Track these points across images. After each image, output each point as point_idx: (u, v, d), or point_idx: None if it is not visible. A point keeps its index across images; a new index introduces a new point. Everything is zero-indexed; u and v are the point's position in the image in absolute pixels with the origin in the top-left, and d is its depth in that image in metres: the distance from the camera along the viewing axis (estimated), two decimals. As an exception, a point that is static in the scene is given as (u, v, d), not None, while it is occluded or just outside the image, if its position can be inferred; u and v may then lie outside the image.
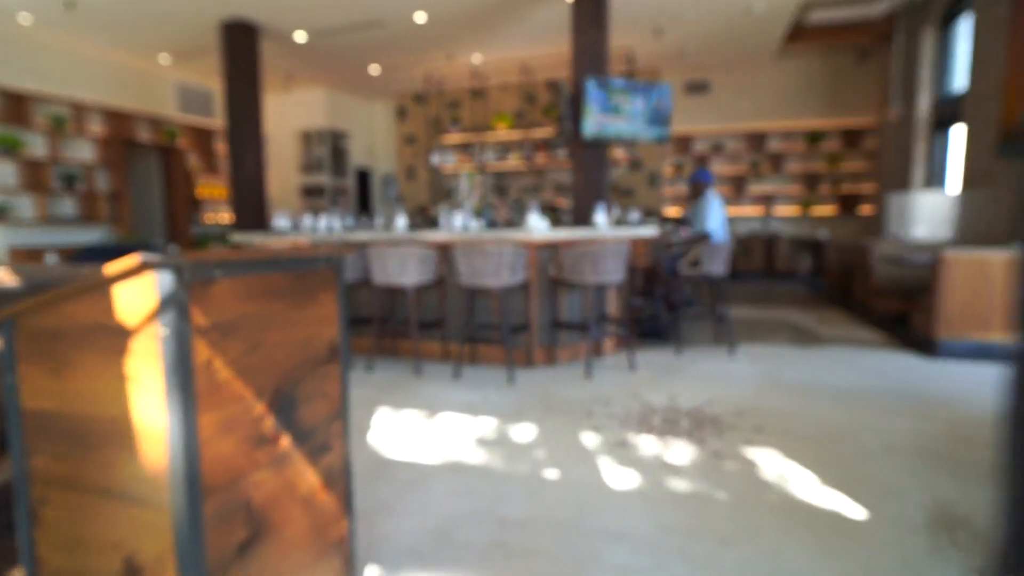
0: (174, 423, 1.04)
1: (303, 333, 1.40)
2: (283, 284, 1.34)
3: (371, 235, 4.54)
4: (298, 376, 1.38)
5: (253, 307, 1.23)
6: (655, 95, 5.91)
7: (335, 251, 1.51)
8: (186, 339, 1.05)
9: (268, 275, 1.30)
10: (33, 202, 7.48)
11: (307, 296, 1.42)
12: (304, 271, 1.42)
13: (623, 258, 4.18)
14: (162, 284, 1.02)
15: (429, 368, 4.48)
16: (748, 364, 4.47)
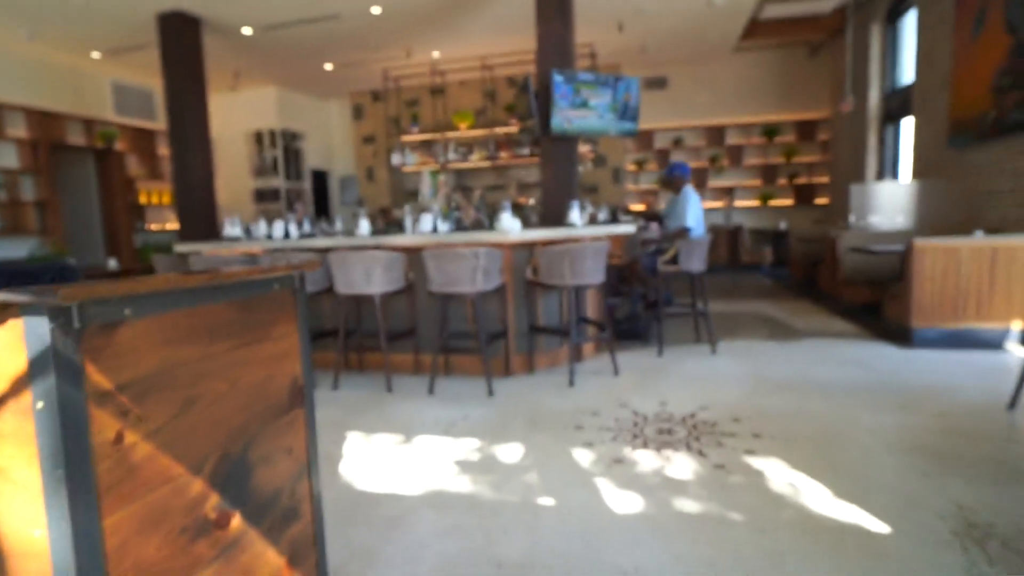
0: (57, 536, 0.70)
1: (256, 376, 1.07)
2: (226, 317, 1.01)
3: (332, 241, 4.16)
4: (251, 433, 1.05)
5: (185, 352, 0.91)
6: (622, 89, 5.69)
7: (294, 267, 1.18)
8: (77, 411, 0.71)
9: (205, 307, 0.96)
10: (-49, 214, 6.74)
11: (259, 329, 1.09)
12: (254, 297, 1.09)
13: (603, 258, 3.93)
14: (33, 334, 0.69)
15: (401, 383, 4.13)
16: (732, 362, 4.30)
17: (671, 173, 4.86)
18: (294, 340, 1.18)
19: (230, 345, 1.00)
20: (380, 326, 3.89)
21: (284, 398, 1.15)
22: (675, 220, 4.73)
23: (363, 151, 11.06)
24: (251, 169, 10.13)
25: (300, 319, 1.20)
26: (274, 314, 1.13)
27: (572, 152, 5.54)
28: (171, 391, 0.87)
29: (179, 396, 0.88)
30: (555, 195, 5.39)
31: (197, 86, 6.63)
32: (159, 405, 0.85)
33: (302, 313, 1.20)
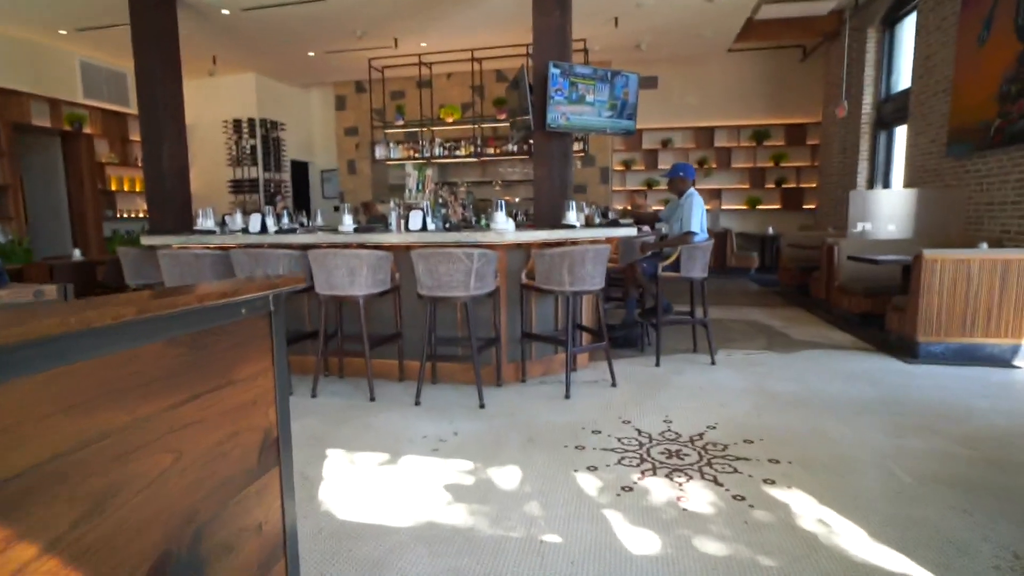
0: None
1: (212, 438, 0.79)
2: (168, 361, 0.72)
3: (314, 237, 3.83)
4: (204, 518, 0.76)
5: (100, 421, 0.61)
6: (620, 85, 5.43)
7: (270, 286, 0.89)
8: None
9: (135, 350, 0.67)
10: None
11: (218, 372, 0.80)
12: (213, 329, 0.79)
13: (604, 262, 3.67)
14: None
15: (385, 390, 3.83)
16: (733, 374, 4.08)
17: (675, 175, 4.61)
18: (267, 381, 0.89)
19: (173, 401, 0.71)
20: (363, 331, 3.58)
21: (253, 460, 0.86)
22: (678, 224, 4.49)
23: (345, 143, 10.65)
24: (228, 159, 9.67)
25: (276, 352, 0.91)
26: (241, 349, 0.84)
27: (567, 149, 5.27)
28: (76, 483, 0.58)
29: (89, 488, 0.59)
30: (549, 194, 5.12)
31: (171, 69, 6.20)
32: (56, 507, 0.56)
33: (279, 344, 0.92)
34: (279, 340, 0.92)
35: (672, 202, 4.74)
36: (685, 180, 4.57)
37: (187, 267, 3.78)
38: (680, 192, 4.58)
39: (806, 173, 10.35)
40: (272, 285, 0.88)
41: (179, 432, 0.72)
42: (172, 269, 3.80)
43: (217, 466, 0.79)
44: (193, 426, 0.74)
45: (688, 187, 4.57)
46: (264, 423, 0.88)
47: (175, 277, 3.82)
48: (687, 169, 4.61)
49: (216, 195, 9.74)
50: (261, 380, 0.88)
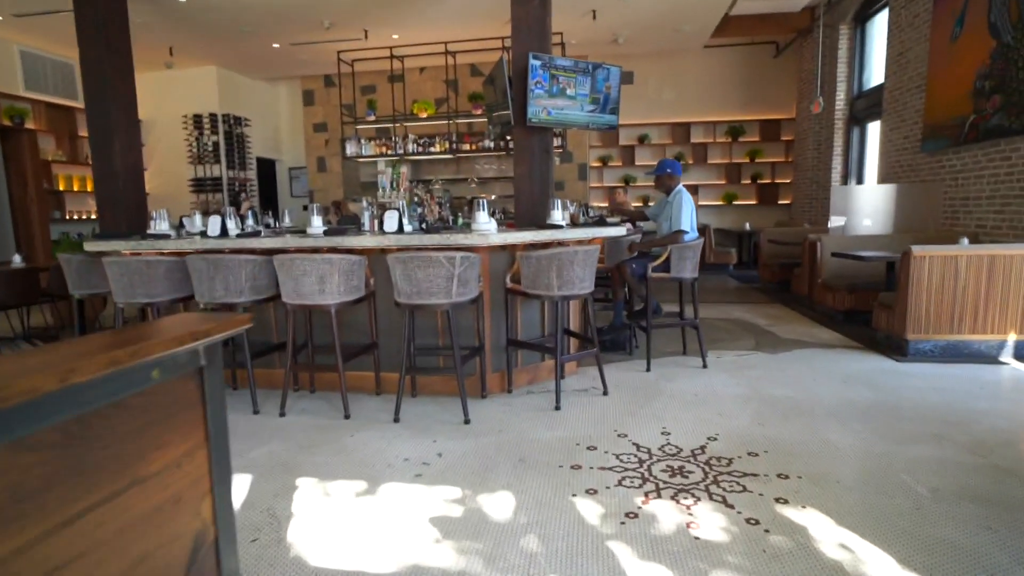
0: None
1: (114, 567, 0.51)
2: (18, 475, 0.45)
3: (280, 241, 3.51)
4: None
5: None
6: (601, 79, 5.21)
7: (200, 334, 0.62)
8: None
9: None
10: None
11: (115, 467, 0.53)
12: (102, 409, 0.52)
13: (594, 264, 3.44)
14: None
15: (361, 405, 3.54)
16: (726, 378, 3.90)
17: (662, 172, 4.41)
18: (199, 463, 0.63)
19: (27, 537, 0.44)
20: (336, 343, 3.28)
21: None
22: (667, 222, 4.29)
23: (314, 140, 10.23)
24: (189, 156, 9.16)
25: (212, 421, 0.65)
26: (154, 428, 0.57)
27: (548, 144, 5.03)
28: None
29: None
30: (529, 192, 4.87)
31: (121, 58, 5.74)
32: None
33: (215, 410, 0.65)
34: (215, 404, 0.66)
35: (660, 200, 4.55)
36: (673, 176, 4.37)
37: (137, 276, 3.42)
38: (668, 189, 4.39)
39: (781, 168, 10.33)
40: (203, 332, 0.61)
41: (52, 570, 0.45)
42: (120, 278, 3.44)
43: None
44: (68, 568, 0.47)
45: (676, 184, 4.38)
46: (195, 524, 0.62)
47: (123, 287, 3.45)
48: (674, 165, 4.42)
49: (176, 195, 9.23)
50: (189, 464, 0.62)
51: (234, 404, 3.58)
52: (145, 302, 3.46)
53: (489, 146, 8.46)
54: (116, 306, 3.55)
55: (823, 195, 8.87)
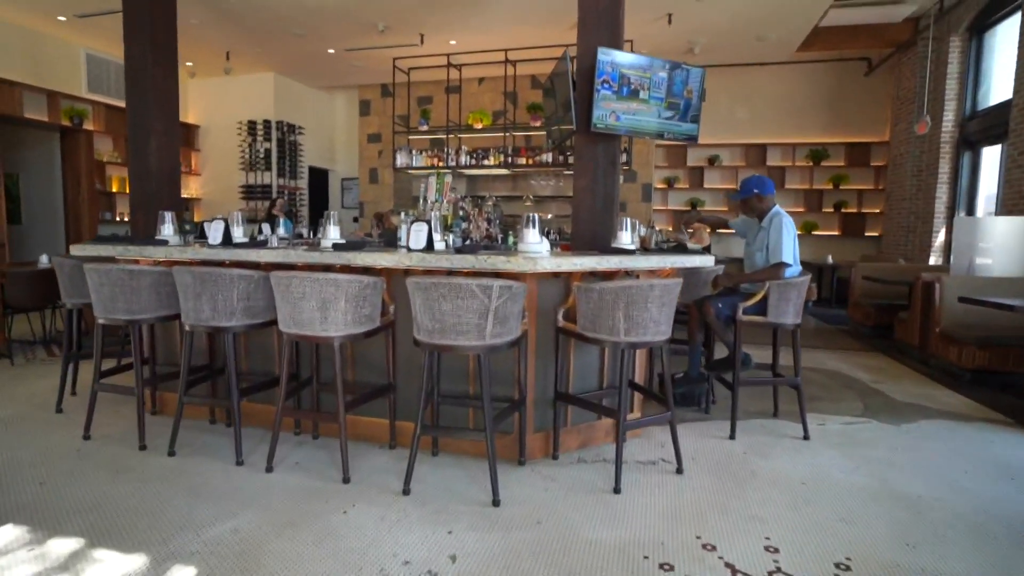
0: None
1: None
2: None
3: (280, 255, 2.82)
4: None
5: None
6: (680, 80, 4.35)
7: None
8: None
9: None
10: None
11: None
12: None
13: (673, 303, 2.57)
14: None
15: (368, 463, 2.77)
16: (839, 457, 2.92)
17: (748, 194, 3.49)
18: None
19: None
20: (339, 387, 2.53)
21: None
22: (761, 253, 3.35)
23: (368, 150, 9.77)
24: (241, 162, 8.85)
25: None
26: None
27: (615, 155, 4.19)
28: None
29: None
30: (590, 210, 4.04)
31: (165, 54, 5.33)
32: None
33: None
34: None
35: (752, 226, 3.62)
36: (763, 198, 3.44)
37: (118, 288, 2.81)
38: (760, 213, 3.45)
39: (870, 197, 9.08)
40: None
41: None
42: (99, 289, 2.83)
43: None
44: None
45: (770, 205, 3.45)
46: None
47: (103, 300, 2.84)
48: (763, 184, 3.48)
49: (227, 202, 8.93)
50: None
51: (219, 449, 2.89)
52: (126, 319, 2.84)
53: (547, 160, 7.69)
54: (96, 323, 2.95)
55: (923, 227, 7.62)
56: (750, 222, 3.60)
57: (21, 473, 2.59)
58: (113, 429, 3.15)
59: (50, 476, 2.57)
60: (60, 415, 3.37)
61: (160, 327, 3.42)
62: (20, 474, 2.59)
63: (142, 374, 2.89)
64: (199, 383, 3.12)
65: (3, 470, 2.62)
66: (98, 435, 3.05)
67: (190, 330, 2.75)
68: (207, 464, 2.71)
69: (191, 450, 2.88)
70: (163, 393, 3.47)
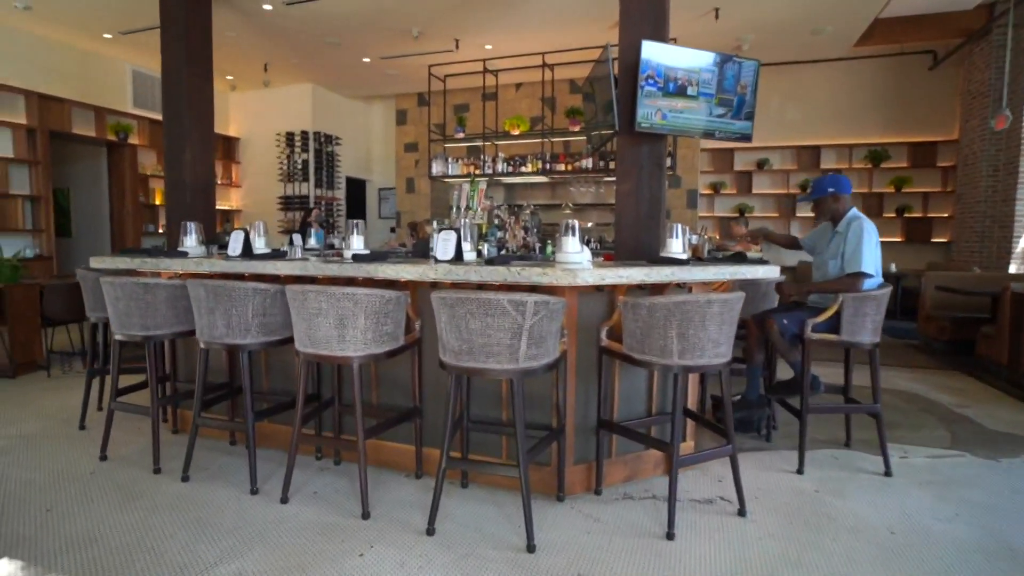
0: None
1: None
2: None
3: (298, 267, 2.61)
4: None
5: None
6: (732, 74, 3.99)
7: None
8: None
9: None
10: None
11: None
12: None
13: (734, 320, 2.23)
14: None
15: (390, 494, 2.52)
16: (930, 499, 2.49)
17: (822, 193, 3.09)
18: None
19: None
20: (358, 413, 2.30)
21: None
22: (836, 261, 2.95)
23: (405, 160, 9.68)
24: (280, 174, 8.88)
25: None
26: None
27: (660, 156, 3.87)
28: None
29: None
30: (635, 215, 3.72)
31: (200, 66, 5.31)
32: None
33: None
34: None
35: (822, 229, 3.23)
36: (839, 198, 3.04)
37: (133, 302, 2.66)
38: (835, 216, 3.05)
39: (936, 200, 8.39)
40: None
41: None
42: (115, 303, 2.69)
43: None
44: None
45: (846, 207, 3.05)
46: None
47: (119, 315, 2.70)
48: (839, 183, 3.08)
49: (266, 213, 8.97)
50: None
51: (236, 474, 2.70)
52: (142, 335, 2.69)
53: (586, 166, 7.38)
54: (112, 339, 2.81)
55: (1001, 232, 6.94)
56: (821, 231, 3.20)
57: (31, 498, 2.45)
58: (131, 448, 3.00)
59: (58, 501, 2.42)
60: (83, 432, 3.26)
61: (182, 342, 3.27)
62: (30, 499, 2.44)
63: (157, 393, 2.73)
64: (218, 402, 2.95)
65: (14, 494, 2.49)
66: (115, 455, 2.91)
67: (205, 347, 2.57)
68: (220, 492, 2.52)
69: (206, 475, 2.70)
70: (184, 411, 3.33)
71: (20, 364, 4.44)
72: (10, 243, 6.27)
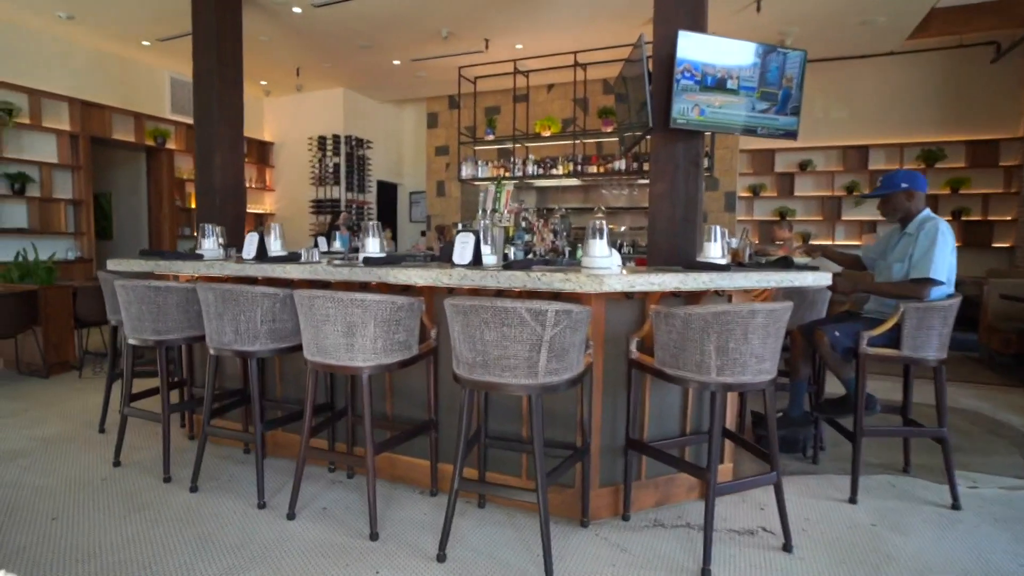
0: None
1: None
2: None
3: (307, 271, 2.48)
4: None
5: None
6: (776, 66, 3.71)
7: None
8: None
9: None
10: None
11: None
12: None
13: (780, 333, 1.99)
14: None
15: (402, 513, 2.36)
16: (1008, 540, 2.19)
17: (896, 186, 2.72)
18: None
19: None
20: (367, 423, 2.15)
21: None
22: (901, 264, 2.63)
23: (436, 163, 9.61)
24: (311, 178, 8.92)
25: None
26: None
27: (697, 154, 3.63)
28: None
29: None
30: (670, 217, 3.49)
31: (230, 70, 5.32)
32: None
33: None
34: None
35: (884, 236, 2.93)
36: (913, 194, 2.72)
37: (145, 305, 2.58)
38: (906, 216, 2.73)
39: (998, 202, 7.81)
40: None
41: None
42: (128, 307, 2.62)
43: None
44: None
45: (920, 206, 2.74)
46: None
47: (131, 318, 2.63)
48: (914, 179, 2.78)
49: (298, 217, 9.02)
50: None
51: (246, 485, 2.59)
52: (153, 339, 2.61)
53: (619, 168, 7.13)
54: (125, 342, 2.75)
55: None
56: (885, 238, 2.89)
57: (40, 505, 2.39)
58: (146, 454, 2.94)
59: (65, 510, 2.35)
60: (102, 435, 3.23)
61: (199, 347, 3.20)
62: (38, 506, 2.38)
63: (168, 399, 2.64)
64: (231, 409, 2.85)
65: (25, 501, 2.43)
66: (129, 461, 2.85)
67: (215, 354, 2.47)
68: (227, 504, 2.40)
69: (216, 484, 2.59)
70: (200, 417, 3.25)
71: (53, 364, 4.49)
72: (53, 245, 6.43)
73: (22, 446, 3.04)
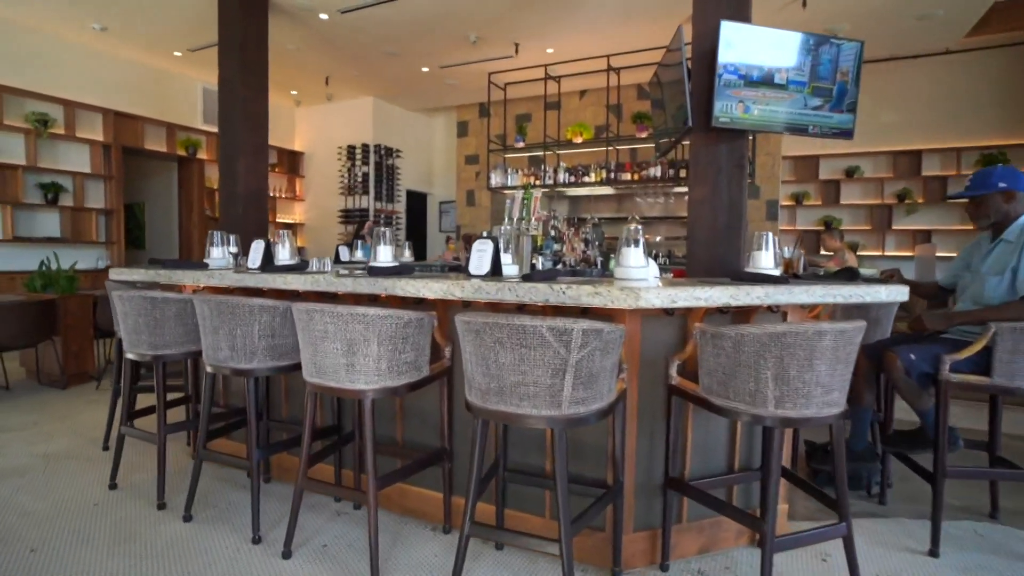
0: None
1: None
2: None
3: (308, 281, 2.26)
4: None
5: None
6: (828, 58, 3.37)
7: None
8: None
9: None
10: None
11: None
12: None
13: (851, 358, 1.66)
14: None
15: (409, 552, 2.10)
16: None
17: (993, 185, 2.29)
18: None
19: None
20: (369, 452, 1.90)
21: None
22: (999, 279, 2.24)
23: (465, 172, 9.44)
24: (340, 187, 8.85)
25: None
26: None
27: (741, 156, 3.31)
28: None
29: None
30: (712, 224, 3.18)
31: (255, 77, 5.24)
32: None
33: None
34: None
35: (966, 250, 2.56)
36: (1015, 195, 2.33)
37: (142, 317, 2.41)
38: (1004, 220, 2.34)
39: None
40: None
41: None
42: (126, 320, 2.45)
43: None
44: None
45: (1022, 210, 2.35)
46: None
47: (129, 331, 2.46)
48: (1015, 177, 2.38)
49: (327, 227, 8.96)
50: None
51: (244, 515, 2.36)
52: (150, 353, 2.43)
53: (654, 175, 6.80)
54: (123, 357, 2.58)
55: None
56: (969, 251, 2.52)
57: (23, 533, 2.22)
58: (144, 476, 2.75)
59: (49, 539, 2.16)
60: (105, 452, 3.07)
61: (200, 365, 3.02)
62: (22, 535, 2.21)
63: (164, 419, 2.45)
64: (235, 429, 2.65)
65: (9, 528, 2.26)
66: (126, 483, 2.67)
67: (212, 372, 2.27)
68: (220, 538, 2.18)
69: (212, 513, 2.38)
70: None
71: (72, 375, 4.41)
72: (85, 254, 6.46)
73: (22, 463, 2.90)
